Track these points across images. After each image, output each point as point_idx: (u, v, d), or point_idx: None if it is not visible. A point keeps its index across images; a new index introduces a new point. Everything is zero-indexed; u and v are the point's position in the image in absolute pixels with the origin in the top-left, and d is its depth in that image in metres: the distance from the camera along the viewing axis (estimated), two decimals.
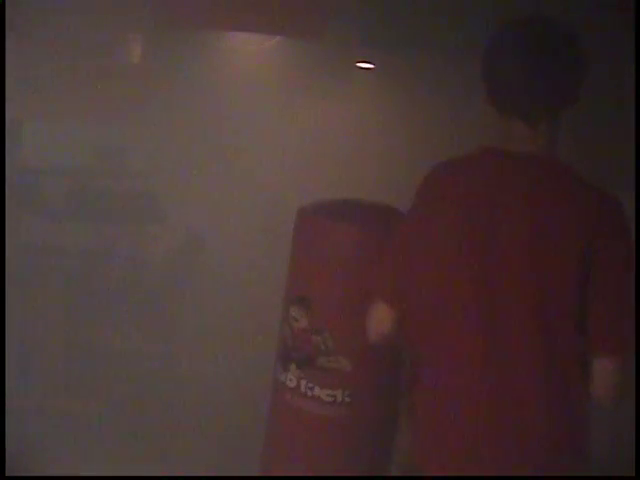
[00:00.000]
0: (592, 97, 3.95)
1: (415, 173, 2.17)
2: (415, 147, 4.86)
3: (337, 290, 2.55)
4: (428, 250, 2.11)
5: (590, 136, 4.03)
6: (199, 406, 4.54)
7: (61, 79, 4.88)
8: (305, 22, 4.75)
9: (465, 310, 2.06)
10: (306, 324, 2.56)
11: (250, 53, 5.23)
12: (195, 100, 5.00)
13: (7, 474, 2.97)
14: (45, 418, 4.32)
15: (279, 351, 2.67)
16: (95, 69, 4.96)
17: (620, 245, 2.02)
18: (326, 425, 2.58)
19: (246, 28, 4.91)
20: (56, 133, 5.10)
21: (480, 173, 2.10)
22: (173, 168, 5.07)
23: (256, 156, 5.14)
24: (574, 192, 2.04)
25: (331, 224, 2.57)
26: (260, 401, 2.85)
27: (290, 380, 2.60)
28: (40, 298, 4.69)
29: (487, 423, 2.05)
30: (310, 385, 2.56)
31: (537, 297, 2.01)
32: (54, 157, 5.07)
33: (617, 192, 2.04)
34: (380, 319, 2.21)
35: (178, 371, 4.87)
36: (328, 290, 2.56)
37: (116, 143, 5.24)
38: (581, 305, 2.01)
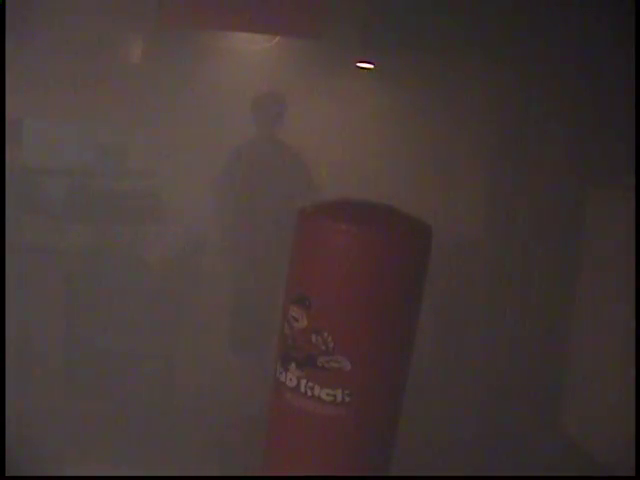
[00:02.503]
0: (592, 97, 3.95)
1: (415, 173, 2.18)
2: (415, 147, 4.86)
3: (337, 290, 2.55)
4: None
5: (590, 136, 4.03)
6: (199, 406, 4.54)
7: (61, 79, 4.88)
8: (305, 22, 4.75)
9: None
10: (306, 324, 2.56)
11: (250, 53, 5.23)
12: (195, 100, 5.00)
13: (7, 474, 2.97)
14: (45, 418, 4.32)
15: (279, 351, 2.67)
16: (95, 69, 4.96)
17: None
18: (326, 425, 2.58)
19: (246, 28, 4.91)
20: (56, 133, 5.10)
21: None
22: (173, 168, 5.07)
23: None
24: None
25: (331, 224, 2.57)
26: (260, 401, 2.85)
27: (290, 380, 2.60)
28: (40, 298, 4.69)
29: None
30: (310, 385, 2.56)
31: None
32: (54, 157, 5.07)
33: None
34: None
35: (178, 371, 4.87)
36: (328, 290, 2.56)
37: (116, 143, 5.24)
38: None
